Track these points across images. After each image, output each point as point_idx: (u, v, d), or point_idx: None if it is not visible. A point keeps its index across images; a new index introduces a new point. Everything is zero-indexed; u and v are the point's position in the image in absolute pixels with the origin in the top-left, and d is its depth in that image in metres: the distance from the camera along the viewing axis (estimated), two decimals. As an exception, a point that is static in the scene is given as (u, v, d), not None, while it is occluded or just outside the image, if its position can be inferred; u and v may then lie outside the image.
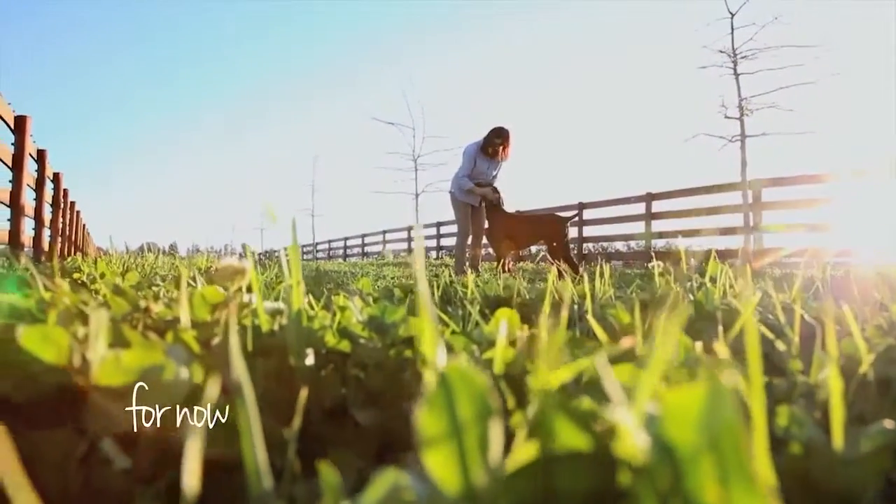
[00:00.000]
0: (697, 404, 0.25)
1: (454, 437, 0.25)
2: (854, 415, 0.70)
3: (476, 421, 0.26)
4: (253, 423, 0.33)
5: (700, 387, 0.25)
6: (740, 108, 10.29)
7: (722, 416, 0.24)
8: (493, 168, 8.70)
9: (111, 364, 0.45)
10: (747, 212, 10.69)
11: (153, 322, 0.79)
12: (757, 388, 0.32)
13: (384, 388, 0.74)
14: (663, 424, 0.26)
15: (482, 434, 0.26)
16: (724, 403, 0.24)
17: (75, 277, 2.18)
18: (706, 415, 0.25)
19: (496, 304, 1.70)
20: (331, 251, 35.66)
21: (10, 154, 7.89)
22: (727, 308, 1.20)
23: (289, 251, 0.73)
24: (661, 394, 0.26)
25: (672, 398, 0.26)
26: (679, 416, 0.25)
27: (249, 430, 0.33)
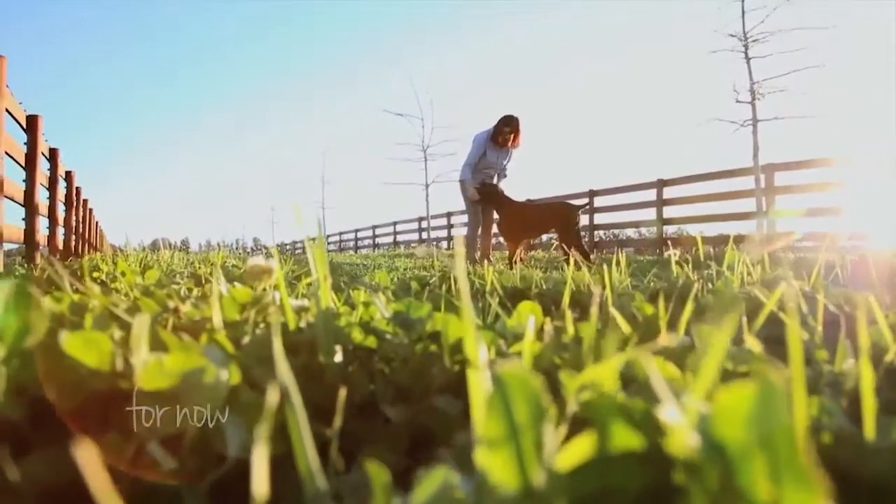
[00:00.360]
0: (749, 403, 0.26)
1: (512, 438, 0.26)
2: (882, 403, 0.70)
3: (532, 423, 0.26)
4: (302, 427, 0.34)
5: (751, 386, 0.26)
6: (752, 92, 10.21)
7: (774, 416, 0.24)
8: (502, 157, 8.71)
9: (154, 368, 0.46)
10: (760, 196, 10.62)
11: (182, 322, 0.80)
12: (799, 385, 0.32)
13: (412, 384, 0.74)
14: (715, 423, 0.26)
15: (537, 435, 0.26)
16: (776, 403, 0.25)
17: (95, 276, 2.20)
18: (758, 414, 0.25)
19: (514, 296, 1.70)
20: (342, 243, 35.73)
21: (22, 153, 7.94)
22: (747, 296, 1.20)
23: (315, 251, 0.74)
24: (713, 393, 0.27)
25: (724, 398, 0.26)
26: (731, 416, 0.26)
27: (300, 433, 0.33)
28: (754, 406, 0.26)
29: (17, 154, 7.35)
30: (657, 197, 13.81)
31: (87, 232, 16.24)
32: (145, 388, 0.46)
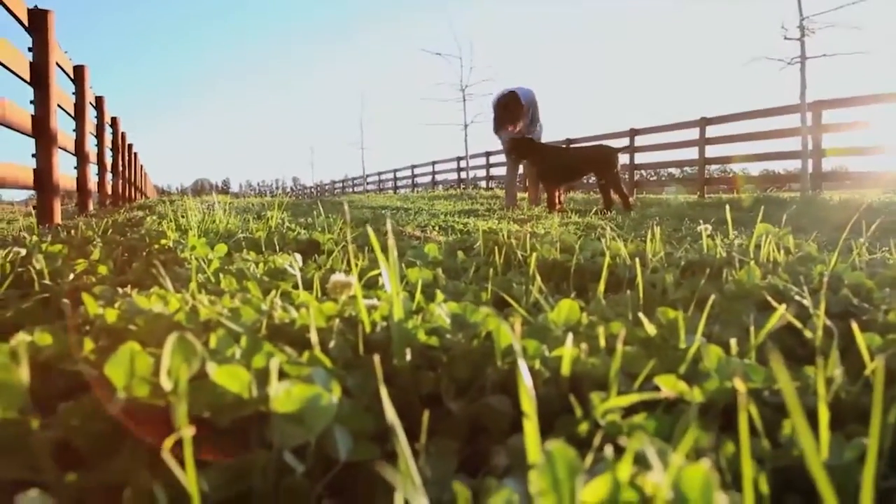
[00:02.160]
0: (702, 478, 0.40)
1: (555, 489, 0.40)
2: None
3: (569, 478, 0.40)
4: (410, 462, 0.48)
5: (703, 467, 0.40)
6: (801, 29, 9.88)
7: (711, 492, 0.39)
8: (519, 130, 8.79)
9: (284, 396, 0.61)
10: (806, 135, 10.40)
11: (276, 325, 0.96)
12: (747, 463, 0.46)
13: (471, 378, 0.89)
14: (683, 486, 0.40)
15: (572, 487, 0.40)
16: (711, 483, 0.39)
17: (163, 244, 2.38)
18: (705, 483, 0.40)
19: (553, 268, 1.83)
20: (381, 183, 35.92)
21: (71, 103, 8.18)
22: (769, 287, 1.31)
23: (389, 272, 0.89)
24: (681, 468, 0.41)
25: (687, 472, 0.40)
26: (692, 483, 0.40)
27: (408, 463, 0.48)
28: (705, 480, 0.40)
29: (66, 105, 7.57)
30: (700, 136, 13.61)
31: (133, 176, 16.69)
32: (278, 410, 0.61)
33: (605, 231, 2.68)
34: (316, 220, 3.58)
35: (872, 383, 0.66)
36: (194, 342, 0.62)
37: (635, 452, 0.49)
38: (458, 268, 1.88)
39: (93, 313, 1.06)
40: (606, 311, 1.20)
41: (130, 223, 4.24)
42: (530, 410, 0.46)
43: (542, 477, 0.40)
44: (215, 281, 1.51)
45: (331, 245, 2.36)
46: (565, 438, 0.69)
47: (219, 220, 3.33)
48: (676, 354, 0.85)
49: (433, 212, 8.13)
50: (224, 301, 1.04)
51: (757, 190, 12.56)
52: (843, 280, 1.44)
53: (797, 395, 0.79)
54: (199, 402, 0.63)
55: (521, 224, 4.11)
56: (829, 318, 1.08)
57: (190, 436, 0.52)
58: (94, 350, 0.84)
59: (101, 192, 10.90)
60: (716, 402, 0.74)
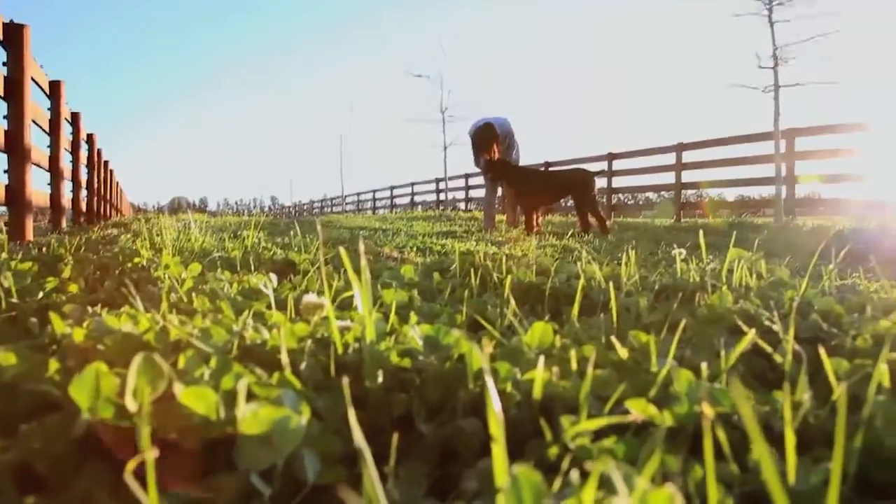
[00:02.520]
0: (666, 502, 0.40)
1: (520, 514, 0.40)
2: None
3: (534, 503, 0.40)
4: (375, 481, 0.48)
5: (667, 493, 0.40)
6: (774, 58, 10.10)
7: None
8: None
9: (252, 418, 0.60)
10: (780, 161, 10.60)
11: (248, 346, 0.95)
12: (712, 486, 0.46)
13: (442, 401, 0.89)
14: None
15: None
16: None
17: (136, 262, 2.36)
18: None
19: (528, 291, 1.84)
20: (359, 203, 35.90)
21: (46, 119, 8.08)
22: (740, 312, 1.33)
23: (361, 293, 0.89)
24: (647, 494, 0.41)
25: (653, 496, 0.41)
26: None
27: (374, 487, 0.48)
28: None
29: (41, 120, 7.48)
30: (676, 161, 13.79)
31: (108, 193, 16.51)
32: (245, 432, 0.60)
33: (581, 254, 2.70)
34: (293, 239, 3.56)
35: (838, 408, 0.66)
36: (161, 363, 0.61)
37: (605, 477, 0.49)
38: (434, 289, 1.88)
39: (60, 332, 1.04)
40: (580, 334, 1.20)
41: (104, 241, 4.18)
42: (498, 434, 0.46)
43: (508, 501, 0.40)
44: (188, 300, 1.49)
45: (307, 265, 2.35)
46: (535, 462, 0.69)
47: (194, 238, 3.30)
48: (647, 378, 0.86)
49: (411, 233, 8.13)
50: (195, 321, 1.03)
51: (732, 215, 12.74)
52: (813, 305, 1.46)
53: (763, 419, 0.80)
54: (165, 424, 0.62)
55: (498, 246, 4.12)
56: (799, 343, 1.10)
57: (153, 458, 0.51)
58: (60, 370, 0.83)
59: (75, 210, 10.77)
60: (685, 426, 0.74)
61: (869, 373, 0.90)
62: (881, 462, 0.70)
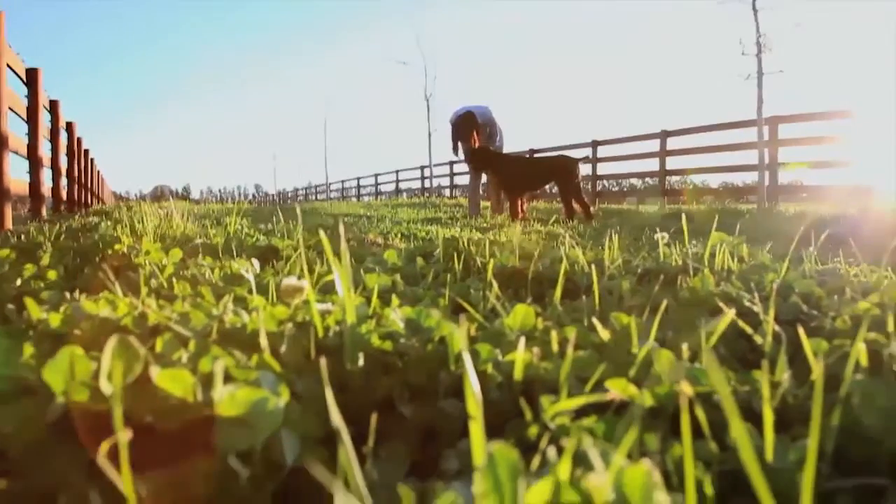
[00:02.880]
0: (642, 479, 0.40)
1: (497, 491, 0.39)
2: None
3: (510, 480, 0.40)
4: (352, 460, 0.48)
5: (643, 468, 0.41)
6: (758, 45, 10.13)
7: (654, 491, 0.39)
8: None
9: (228, 400, 0.60)
10: (763, 148, 10.66)
11: (227, 330, 0.94)
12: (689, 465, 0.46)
13: (424, 383, 0.88)
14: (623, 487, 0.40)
15: (514, 488, 0.40)
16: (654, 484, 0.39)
17: (117, 249, 2.33)
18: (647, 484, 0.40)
19: (512, 277, 1.84)
20: (344, 190, 35.78)
21: (24, 107, 7.96)
22: (722, 294, 1.33)
23: (340, 274, 0.88)
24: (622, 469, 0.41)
25: (629, 472, 0.41)
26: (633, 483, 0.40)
27: (350, 466, 0.47)
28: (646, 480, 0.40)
29: (18, 108, 7.37)
30: (661, 148, 13.85)
31: (89, 182, 16.33)
32: (223, 414, 0.59)
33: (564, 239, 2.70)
34: (276, 226, 3.54)
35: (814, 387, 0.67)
36: (136, 345, 0.60)
37: (583, 454, 0.49)
38: (417, 274, 1.87)
39: (36, 318, 1.03)
40: (562, 317, 1.20)
41: (85, 229, 4.14)
42: (476, 413, 0.46)
43: (484, 479, 0.40)
44: (169, 286, 1.47)
45: (290, 251, 2.34)
46: (515, 441, 0.69)
47: (176, 225, 3.27)
48: (628, 359, 0.86)
49: (396, 220, 8.11)
50: (175, 306, 1.02)
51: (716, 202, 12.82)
52: (794, 288, 1.47)
53: (743, 398, 0.80)
54: (141, 406, 0.61)
55: (482, 232, 4.12)
56: (780, 325, 1.10)
57: (126, 440, 0.50)
58: (35, 355, 0.81)
59: (55, 198, 10.64)
60: (665, 405, 0.75)
61: (847, 352, 0.91)
62: (858, 440, 0.70)
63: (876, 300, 1.30)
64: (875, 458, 0.70)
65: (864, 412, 0.71)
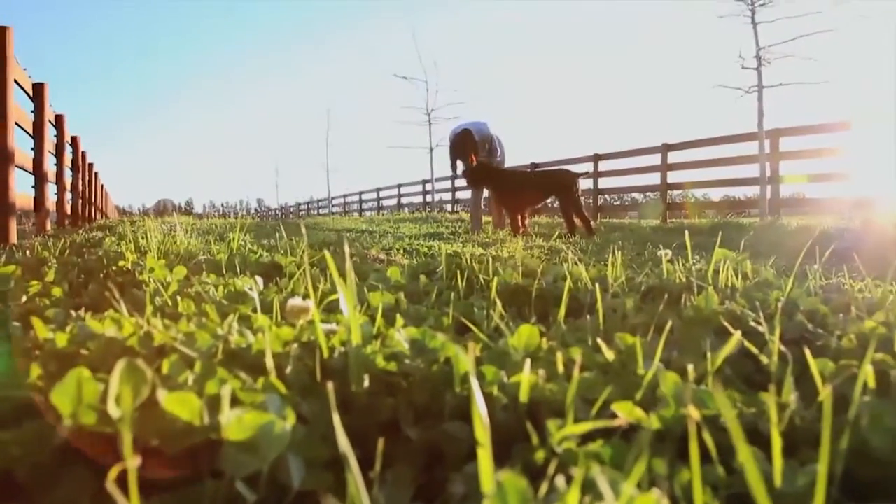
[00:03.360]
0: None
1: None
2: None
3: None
4: (360, 487, 0.48)
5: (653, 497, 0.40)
6: (758, 58, 10.17)
7: None
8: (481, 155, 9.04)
9: (236, 423, 0.60)
10: (764, 161, 10.67)
11: (233, 350, 0.94)
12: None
13: (429, 404, 0.88)
14: None
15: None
16: None
17: (121, 266, 2.34)
18: None
19: (515, 293, 1.84)
20: (346, 205, 35.80)
21: (30, 122, 8.01)
22: (726, 313, 1.33)
23: (346, 297, 0.88)
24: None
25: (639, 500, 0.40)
26: None
27: (359, 493, 0.47)
28: None
29: (25, 123, 7.41)
30: (662, 161, 13.86)
31: (93, 196, 16.39)
32: (230, 438, 0.60)
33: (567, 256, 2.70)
34: (279, 242, 3.54)
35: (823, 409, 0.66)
36: (144, 368, 0.60)
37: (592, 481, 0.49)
38: (420, 292, 1.87)
39: (42, 337, 1.03)
40: (566, 337, 1.20)
41: (89, 244, 4.15)
42: (484, 439, 0.46)
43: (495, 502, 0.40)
44: (173, 304, 1.48)
45: (293, 268, 2.34)
46: (521, 466, 0.69)
47: (180, 241, 3.28)
48: (634, 380, 0.86)
49: (398, 235, 8.12)
50: (180, 325, 1.02)
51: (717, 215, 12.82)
52: (799, 306, 1.47)
53: (750, 421, 0.80)
54: (148, 430, 0.61)
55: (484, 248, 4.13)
56: (785, 344, 1.10)
57: (135, 466, 0.50)
58: (42, 376, 0.82)
59: (59, 212, 10.67)
60: (672, 428, 0.74)
61: (855, 373, 0.91)
62: (867, 462, 0.70)
63: (882, 318, 1.29)
64: (884, 479, 0.69)
65: (873, 434, 0.71)
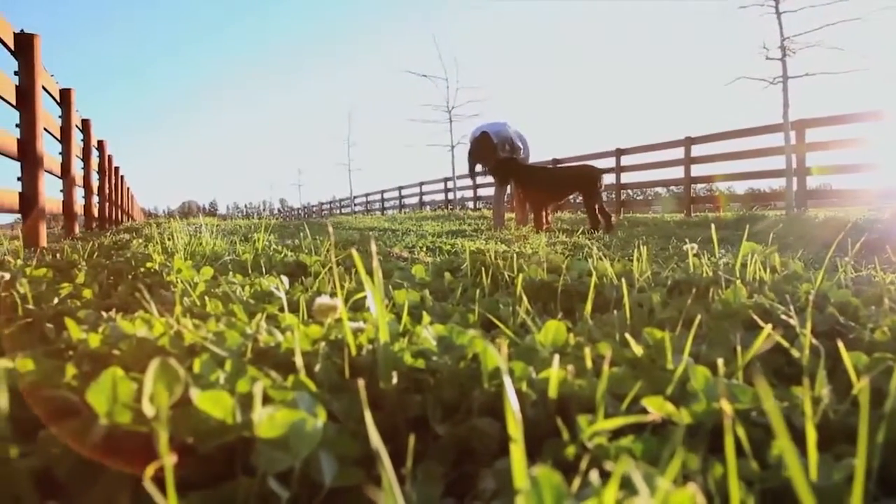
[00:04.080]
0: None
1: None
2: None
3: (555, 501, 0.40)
4: (393, 482, 0.48)
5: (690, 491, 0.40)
6: (782, 49, 10.02)
7: None
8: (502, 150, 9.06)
9: (268, 421, 0.60)
10: (790, 153, 10.51)
11: (261, 349, 0.95)
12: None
13: (457, 401, 0.89)
14: None
15: (559, 511, 0.40)
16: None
17: (148, 267, 2.37)
18: None
19: (540, 289, 1.83)
20: (368, 204, 35.93)
21: (57, 127, 8.15)
22: (755, 307, 1.32)
23: (374, 296, 0.89)
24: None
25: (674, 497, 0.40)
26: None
27: (392, 489, 0.47)
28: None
29: (52, 128, 7.53)
30: (685, 155, 13.73)
31: (119, 198, 16.62)
32: (262, 436, 0.60)
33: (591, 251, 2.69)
34: (303, 241, 3.57)
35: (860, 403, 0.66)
36: (177, 367, 0.61)
37: (624, 476, 0.48)
38: (445, 289, 1.88)
39: (76, 338, 1.04)
40: (593, 332, 1.20)
41: (116, 246, 4.21)
42: (517, 434, 0.46)
43: (528, 502, 0.40)
44: (201, 304, 1.49)
45: (317, 267, 2.35)
46: (552, 462, 0.69)
47: (205, 242, 3.31)
48: (664, 375, 0.85)
49: (421, 233, 8.13)
50: (209, 325, 1.03)
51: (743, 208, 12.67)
52: (830, 298, 1.45)
53: (785, 415, 0.79)
54: (182, 428, 0.62)
55: (508, 244, 4.12)
56: (816, 337, 1.09)
57: (172, 463, 0.51)
58: (77, 376, 0.83)
59: (87, 215, 10.84)
60: (703, 423, 0.74)
61: (890, 366, 0.89)
62: (903, 456, 0.69)
63: (915, 310, 1.27)
64: (921, 474, 0.68)
65: (909, 428, 0.70)
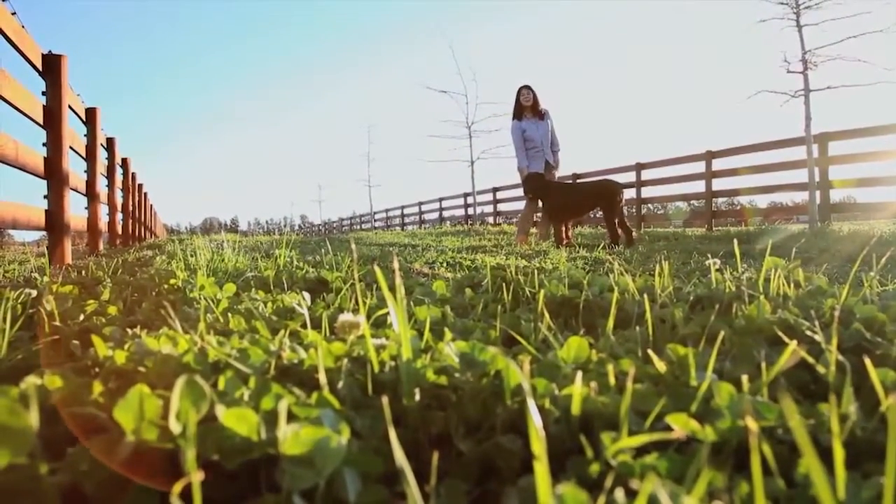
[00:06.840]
0: None
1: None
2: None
3: (581, 523, 0.40)
4: (418, 500, 0.48)
5: None
6: (803, 62, 9.94)
7: None
8: (542, 129, 8.98)
9: (293, 438, 0.61)
10: (813, 167, 10.41)
11: (285, 366, 0.96)
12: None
13: (480, 418, 0.89)
14: None
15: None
16: None
17: (171, 284, 2.39)
18: None
19: (562, 305, 1.83)
20: (388, 220, 36.09)
21: (83, 145, 8.30)
22: (779, 322, 1.30)
23: (398, 315, 0.89)
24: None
25: None
26: None
27: None
28: None
29: (78, 146, 7.67)
30: (706, 169, 13.66)
31: (142, 215, 16.85)
32: (287, 453, 0.61)
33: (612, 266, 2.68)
34: (324, 257, 3.59)
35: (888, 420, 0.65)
36: (203, 384, 0.62)
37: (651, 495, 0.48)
38: (466, 305, 1.88)
39: (102, 355, 1.06)
40: (616, 348, 1.19)
41: (140, 263, 4.26)
42: (540, 452, 0.46)
43: (553, 520, 0.40)
44: (224, 321, 1.51)
45: (339, 283, 2.37)
46: (576, 479, 0.68)
47: (228, 258, 3.35)
48: (687, 392, 0.84)
49: (441, 248, 8.14)
50: (233, 342, 1.04)
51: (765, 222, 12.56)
52: (855, 314, 1.43)
53: (811, 433, 0.78)
54: (207, 445, 0.63)
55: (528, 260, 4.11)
56: (842, 353, 1.07)
57: (199, 480, 0.52)
58: (104, 393, 0.84)
59: (111, 232, 11.00)
60: (728, 440, 0.73)
61: (917, 383, 0.88)
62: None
63: (943, 326, 1.25)
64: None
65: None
